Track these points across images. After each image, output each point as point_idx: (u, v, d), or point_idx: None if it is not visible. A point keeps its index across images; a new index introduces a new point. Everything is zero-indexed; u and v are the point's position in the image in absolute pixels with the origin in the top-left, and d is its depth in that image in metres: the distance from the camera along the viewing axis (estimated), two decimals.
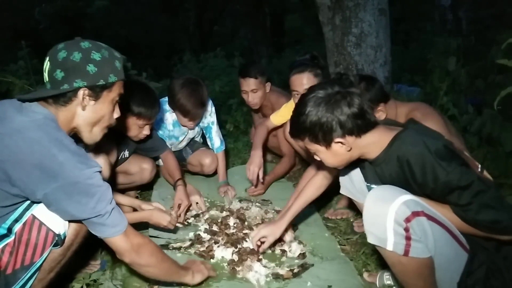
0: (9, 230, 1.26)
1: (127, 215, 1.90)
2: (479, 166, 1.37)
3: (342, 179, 1.66)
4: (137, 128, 2.18)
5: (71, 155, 1.21)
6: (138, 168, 2.42)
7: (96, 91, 1.34)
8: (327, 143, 1.34)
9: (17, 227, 1.26)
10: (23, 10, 10.22)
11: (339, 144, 1.33)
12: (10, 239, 1.26)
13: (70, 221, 1.33)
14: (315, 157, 1.45)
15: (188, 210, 2.34)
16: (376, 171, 1.43)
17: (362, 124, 1.31)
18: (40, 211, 1.27)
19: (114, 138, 2.18)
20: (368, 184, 1.52)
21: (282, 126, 2.67)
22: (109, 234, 1.30)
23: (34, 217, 1.27)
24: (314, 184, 1.79)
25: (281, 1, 10.73)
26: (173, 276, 1.53)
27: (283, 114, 2.61)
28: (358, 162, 1.47)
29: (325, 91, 1.33)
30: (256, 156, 2.41)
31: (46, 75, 1.32)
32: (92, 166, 1.24)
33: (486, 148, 2.72)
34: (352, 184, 1.61)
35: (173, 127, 2.67)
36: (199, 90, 2.46)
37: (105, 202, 1.26)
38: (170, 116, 2.64)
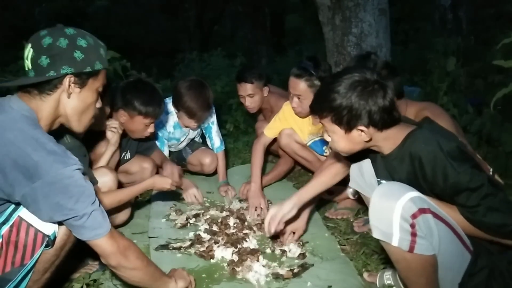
0: None
1: (132, 189, 1.94)
2: (491, 169, 1.37)
3: (352, 172, 1.65)
4: (143, 127, 2.20)
5: (47, 154, 1.17)
6: (139, 168, 2.44)
7: (82, 78, 1.31)
8: (349, 128, 1.32)
9: (4, 229, 1.23)
10: (23, 10, 10.21)
11: (360, 132, 1.32)
12: None
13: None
14: (325, 136, 1.43)
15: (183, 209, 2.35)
16: (387, 167, 1.42)
17: (387, 119, 1.31)
18: (27, 212, 1.24)
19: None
20: (378, 179, 1.51)
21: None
22: (89, 236, 1.25)
23: (21, 219, 1.23)
24: (330, 171, 1.75)
25: (281, 1, 10.72)
26: (157, 281, 1.45)
27: (275, 126, 2.62)
28: (370, 156, 1.47)
29: (362, 75, 1.30)
30: (256, 190, 2.38)
31: (28, 62, 1.28)
32: (70, 164, 1.19)
33: (486, 148, 2.72)
34: (362, 177, 1.60)
35: (174, 129, 2.67)
36: (205, 92, 2.49)
37: (84, 203, 1.21)
38: (171, 118, 2.65)
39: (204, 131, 2.87)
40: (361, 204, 2.24)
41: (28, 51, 1.28)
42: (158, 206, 2.46)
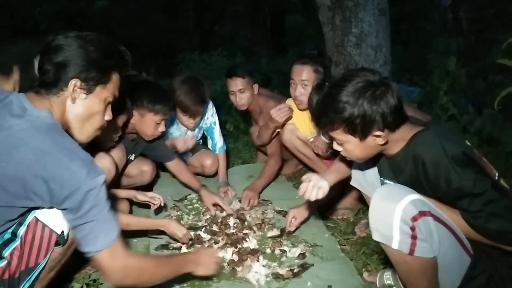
0: (14, 234, 1.24)
1: (143, 220, 1.90)
2: (497, 174, 1.36)
3: (354, 171, 1.64)
4: (154, 125, 2.19)
5: (82, 163, 1.16)
6: (138, 171, 2.44)
7: (88, 84, 1.27)
8: (364, 135, 1.29)
9: (21, 231, 1.24)
10: (23, 10, 10.21)
11: (375, 137, 1.30)
12: (17, 243, 1.24)
13: None
14: (336, 146, 1.41)
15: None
16: (391, 167, 1.41)
17: (398, 118, 1.29)
18: (41, 213, 1.25)
19: (124, 143, 2.22)
20: (381, 179, 1.51)
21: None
22: (101, 245, 1.20)
23: (36, 219, 1.25)
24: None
25: (281, 1, 10.71)
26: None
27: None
28: (374, 156, 1.46)
29: (365, 78, 1.27)
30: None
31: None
32: (101, 173, 1.19)
33: (486, 148, 2.72)
34: (364, 177, 1.59)
35: (172, 124, 2.66)
36: (199, 87, 2.47)
37: (103, 210, 1.20)
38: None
39: (205, 132, 2.85)
40: (361, 203, 2.24)
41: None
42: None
